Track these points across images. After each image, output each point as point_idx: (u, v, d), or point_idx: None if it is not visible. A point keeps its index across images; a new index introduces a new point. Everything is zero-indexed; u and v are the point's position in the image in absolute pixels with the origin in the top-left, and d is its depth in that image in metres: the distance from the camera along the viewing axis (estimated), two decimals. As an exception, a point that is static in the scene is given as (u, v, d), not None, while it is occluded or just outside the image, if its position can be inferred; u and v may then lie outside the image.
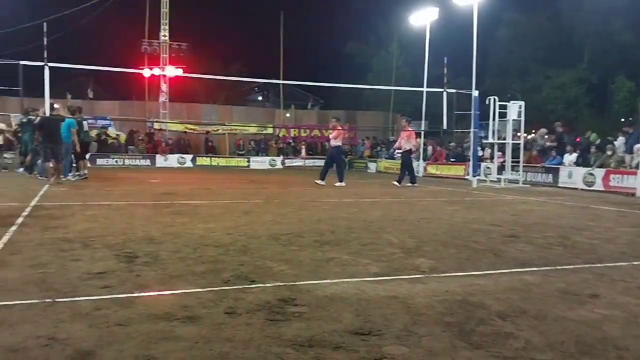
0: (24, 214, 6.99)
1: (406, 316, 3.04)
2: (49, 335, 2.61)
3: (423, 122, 23.60)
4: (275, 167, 27.40)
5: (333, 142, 14.30)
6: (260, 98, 50.06)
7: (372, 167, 25.60)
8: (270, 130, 31.04)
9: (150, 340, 2.58)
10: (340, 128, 14.59)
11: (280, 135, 31.22)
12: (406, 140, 14.43)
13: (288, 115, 33.84)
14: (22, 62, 12.76)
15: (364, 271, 4.15)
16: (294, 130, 31.89)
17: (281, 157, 28.43)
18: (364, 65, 40.63)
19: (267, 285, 3.65)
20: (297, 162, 28.47)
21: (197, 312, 3.02)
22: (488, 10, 19.67)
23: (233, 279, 3.79)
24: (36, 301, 3.14)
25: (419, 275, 4.05)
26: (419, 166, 21.99)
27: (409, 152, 14.64)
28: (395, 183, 14.18)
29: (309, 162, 27.64)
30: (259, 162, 27.48)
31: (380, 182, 14.22)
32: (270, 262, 4.36)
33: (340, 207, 8.85)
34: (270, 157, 28.26)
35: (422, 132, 24.04)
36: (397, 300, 3.36)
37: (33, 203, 8.28)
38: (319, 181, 13.90)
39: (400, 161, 14.96)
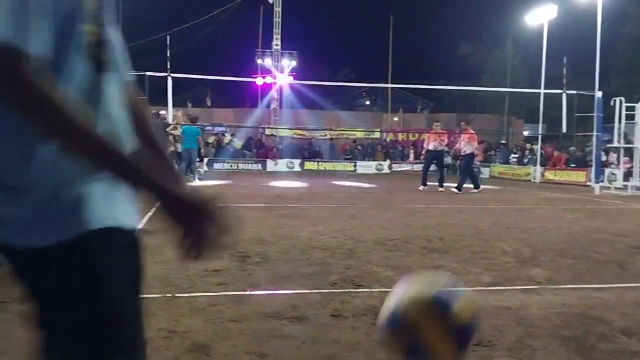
0: (149, 214, 7.52)
1: (519, 328, 2.91)
2: (169, 328, 2.79)
3: (540, 125, 22.47)
4: (382, 171, 27.29)
5: (434, 146, 13.86)
6: (367, 102, 50.20)
7: (485, 171, 24.67)
8: (377, 135, 31.01)
9: (262, 338, 2.68)
10: (433, 132, 14.16)
11: (388, 139, 31.09)
12: (466, 143, 13.69)
13: (396, 119, 33.63)
14: (147, 73, 13.86)
15: (475, 280, 4.02)
16: (402, 134, 31.60)
17: (388, 162, 28.26)
18: (477, 67, 39.33)
19: (373, 290, 3.65)
20: (405, 167, 28.15)
21: (305, 313, 3.09)
22: (613, 4, 18.27)
23: (340, 282, 3.84)
24: (158, 295, 3.37)
25: (533, 286, 3.85)
26: (535, 172, 20.96)
27: (471, 155, 13.80)
28: (455, 190, 13.38)
29: (417, 167, 27.19)
30: (366, 167, 27.49)
31: (492, 187, 13.66)
32: (376, 267, 4.36)
33: (449, 214, 8.64)
34: (377, 162, 28.18)
35: (540, 136, 22.91)
36: (509, 311, 3.22)
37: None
38: (440, 189, 13.62)
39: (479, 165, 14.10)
